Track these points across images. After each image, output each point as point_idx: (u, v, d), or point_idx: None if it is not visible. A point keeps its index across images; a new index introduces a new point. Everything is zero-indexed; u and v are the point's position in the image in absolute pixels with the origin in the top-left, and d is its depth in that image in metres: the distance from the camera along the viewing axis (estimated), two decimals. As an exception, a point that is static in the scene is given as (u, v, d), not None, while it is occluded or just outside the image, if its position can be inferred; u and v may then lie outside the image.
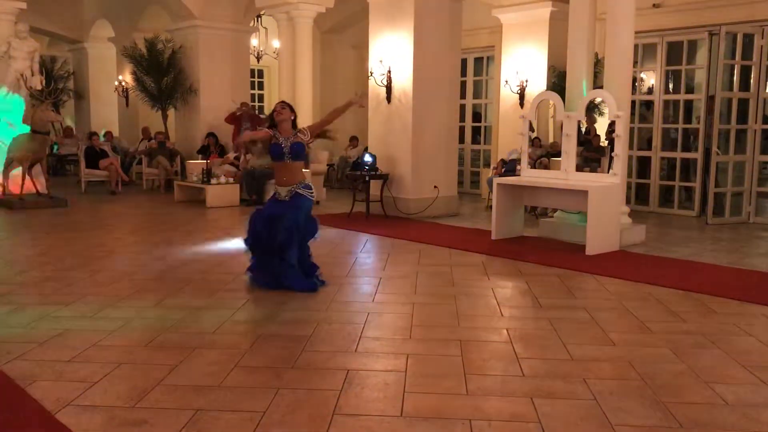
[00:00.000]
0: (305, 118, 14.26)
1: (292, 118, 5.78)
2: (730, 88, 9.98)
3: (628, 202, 9.26)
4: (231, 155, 12.87)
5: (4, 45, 11.78)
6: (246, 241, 5.89)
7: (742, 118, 9.93)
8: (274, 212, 5.69)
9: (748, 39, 9.77)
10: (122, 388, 3.61)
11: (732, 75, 9.89)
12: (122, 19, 16.71)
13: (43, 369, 3.88)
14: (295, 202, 5.69)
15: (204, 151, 13.71)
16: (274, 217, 5.65)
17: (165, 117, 14.89)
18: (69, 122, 18.97)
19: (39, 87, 11.90)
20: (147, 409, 3.35)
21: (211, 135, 13.84)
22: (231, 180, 11.77)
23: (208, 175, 11.64)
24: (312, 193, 5.82)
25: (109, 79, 17.84)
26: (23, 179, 10.96)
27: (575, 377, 3.84)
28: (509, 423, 3.26)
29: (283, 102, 5.95)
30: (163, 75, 14.48)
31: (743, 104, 9.93)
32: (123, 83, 16.75)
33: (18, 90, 11.78)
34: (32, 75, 11.81)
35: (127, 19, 16.53)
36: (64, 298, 5.43)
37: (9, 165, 11.25)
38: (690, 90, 11.11)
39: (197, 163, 12.49)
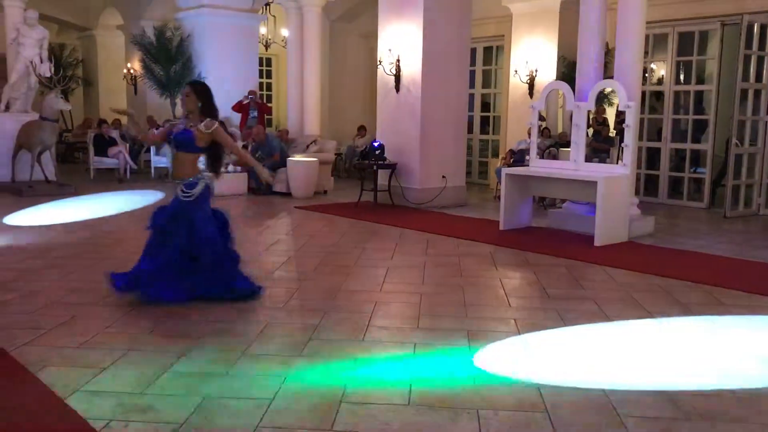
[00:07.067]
0: (313, 108, 14.38)
1: (199, 104, 4.90)
2: (746, 79, 9.86)
3: (637, 193, 9.21)
4: (239, 144, 12.85)
5: (14, 32, 11.80)
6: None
7: (755, 109, 9.84)
8: (167, 222, 5.04)
9: (762, 29, 9.66)
10: (130, 375, 3.63)
11: (749, 66, 9.75)
12: (131, 6, 16.69)
13: (52, 355, 3.90)
14: (187, 208, 4.98)
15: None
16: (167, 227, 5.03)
17: (173, 105, 14.87)
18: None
19: (48, 74, 11.92)
20: (155, 396, 3.37)
21: (219, 123, 13.81)
22: (238, 169, 11.75)
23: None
24: (190, 193, 4.97)
25: (118, 66, 17.84)
26: (32, 166, 10.99)
27: (583, 367, 3.83)
28: (516, 412, 3.26)
29: (189, 85, 5.04)
30: (171, 63, 14.45)
31: (756, 95, 9.83)
32: (132, 71, 16.75)
33: (27, 77, 11.80)
34: (41, 62, 11.82)
35: (136, 6, 16.51)
36: (71, 284, 5.46)
37: (18, 152, 11.28)
38: (701, 81, 11.01)
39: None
